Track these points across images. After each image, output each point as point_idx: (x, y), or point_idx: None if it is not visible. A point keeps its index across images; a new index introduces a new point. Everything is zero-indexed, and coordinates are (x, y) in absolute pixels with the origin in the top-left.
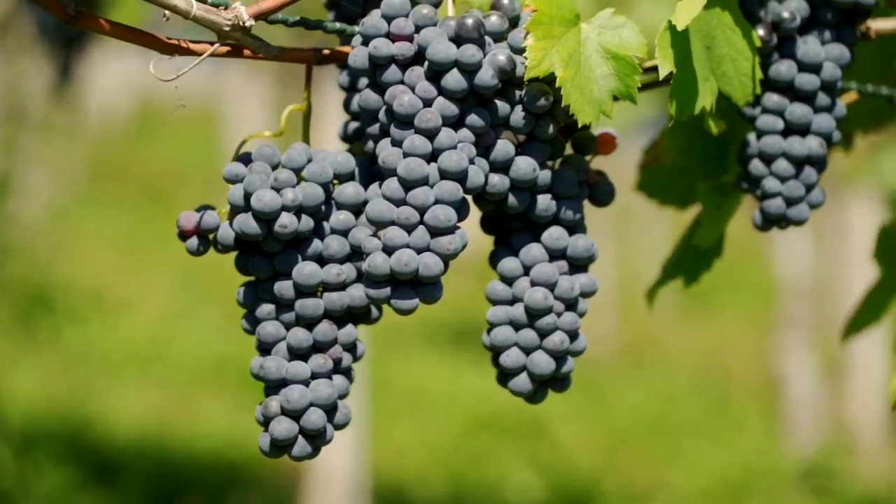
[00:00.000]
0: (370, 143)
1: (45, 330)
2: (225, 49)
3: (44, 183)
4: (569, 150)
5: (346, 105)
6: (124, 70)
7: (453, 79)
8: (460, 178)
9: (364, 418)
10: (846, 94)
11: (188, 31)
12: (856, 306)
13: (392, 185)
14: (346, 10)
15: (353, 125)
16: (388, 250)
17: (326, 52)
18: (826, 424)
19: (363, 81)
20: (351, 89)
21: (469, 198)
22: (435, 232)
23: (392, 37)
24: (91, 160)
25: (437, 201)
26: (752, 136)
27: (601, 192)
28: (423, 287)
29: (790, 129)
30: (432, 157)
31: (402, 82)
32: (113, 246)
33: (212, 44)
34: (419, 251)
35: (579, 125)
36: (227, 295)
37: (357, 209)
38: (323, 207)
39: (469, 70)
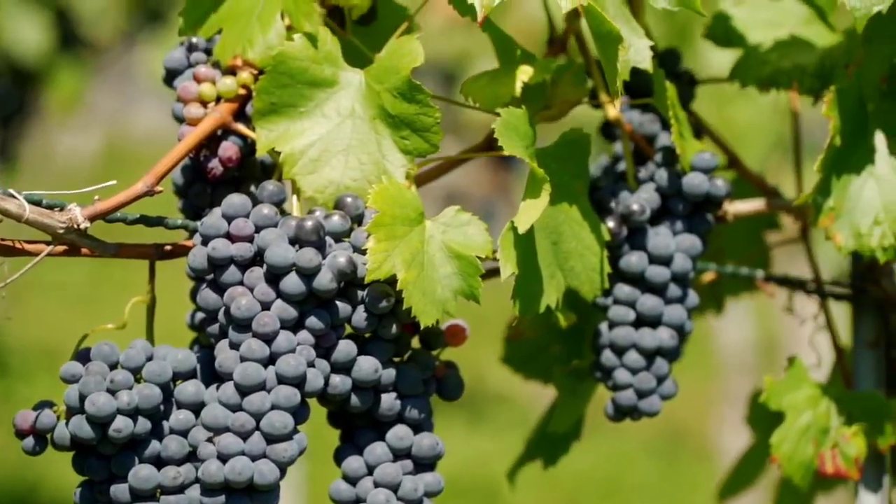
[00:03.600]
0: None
1: None
2: (62, 248)
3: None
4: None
5: (193, 295)
6: (90, 110)
7: (291, 282)
8: (298, 382)
9: (304, 480)
10: (707, 272)
11: None
12: (730, 469)
13: (228, 390)
14: (194, 200)
15: (201, 315)
16: (223, 458)
17: (168, 247)
18: (767, 499)
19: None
20: (198, 279)
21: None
22: (271, 439)
23: (232, 237)
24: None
25: (273, 407)
26: (604, 326)
27: (449, 387)
28: (258, 494)
29: (641, 321)
30: (270, 360)
31: (241, 283)
32: (69, 297)
33: (48, 243)
34: (254, 458)
35: (421, 326)
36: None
37: (197, 408)
38: (162, 407)
39: (307, 273)
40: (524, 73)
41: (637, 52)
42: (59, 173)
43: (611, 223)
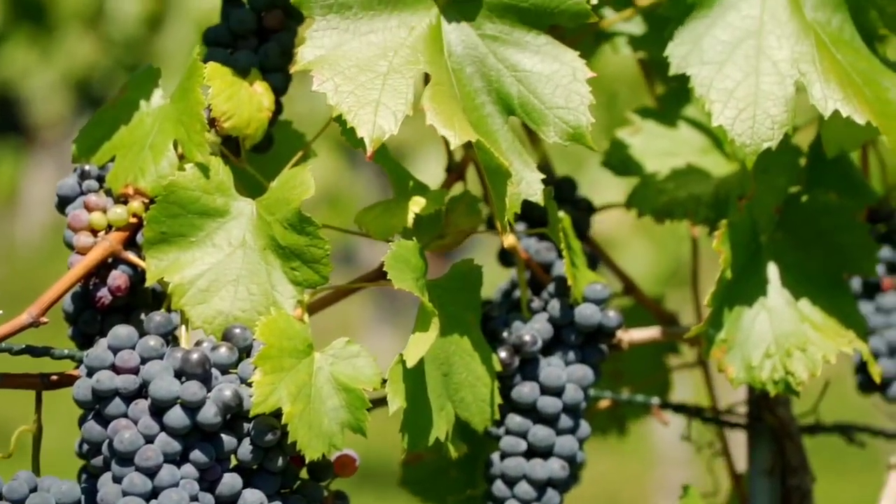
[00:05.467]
0: None
1: None
2: None
3: None
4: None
5: (81, 424)
6: (41, 185)
7: (175, 416)
8: None
9: None
10: (603, 400)
11: None
12: None
13: None
14: (84, 328)
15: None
16: None
17: (55, 377)
18: None
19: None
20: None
21: None
22: None
23: (117, 369)
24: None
25: None
26: (495, 457)
27: None
28: None
29: (533, 452)
30: (153, 495)
31: (125, 415)
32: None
33: None
34: None
35: (307, 460)
36: None
37: None
38: None
39: (192, 407)
40: (416, 205)
41: (528, 186)
42: (2, 259)
43: (503, 354)
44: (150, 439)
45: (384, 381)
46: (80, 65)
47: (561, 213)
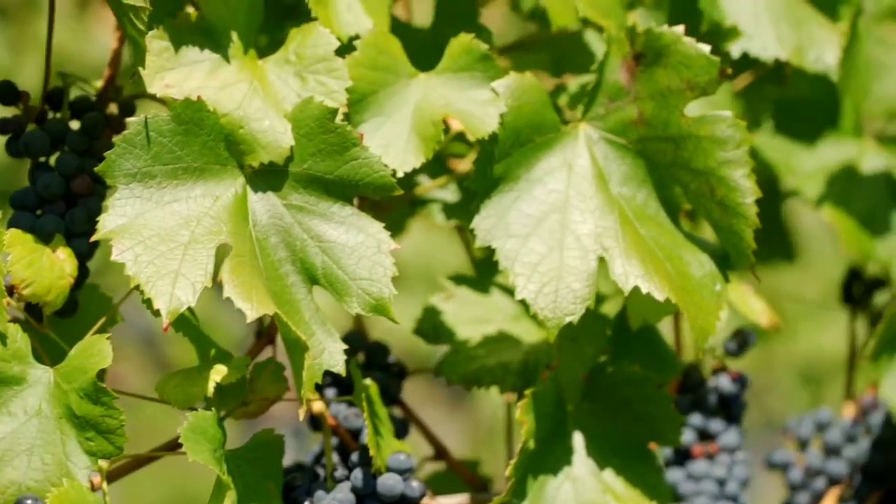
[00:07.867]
0: None
1: None
2: None
3: None
4: None
5: None
6: None
7: None
8: None
9: None
10: None
11: None
12: None
13: None
14: None
15: None
16: None
17: None
18: None
19: None
20: None
21: None
22: None
23: None
24: None
25: None
26: None
27: None
28: None
29: None
30: None
31: None
32: None
33: None
34: None
35: None
36: None
37: None
38: None
39: None
40: (217, 373)
41: (331, 356)
42: None
43: None
44: None
45: None
46: None
47: (368, 381)
